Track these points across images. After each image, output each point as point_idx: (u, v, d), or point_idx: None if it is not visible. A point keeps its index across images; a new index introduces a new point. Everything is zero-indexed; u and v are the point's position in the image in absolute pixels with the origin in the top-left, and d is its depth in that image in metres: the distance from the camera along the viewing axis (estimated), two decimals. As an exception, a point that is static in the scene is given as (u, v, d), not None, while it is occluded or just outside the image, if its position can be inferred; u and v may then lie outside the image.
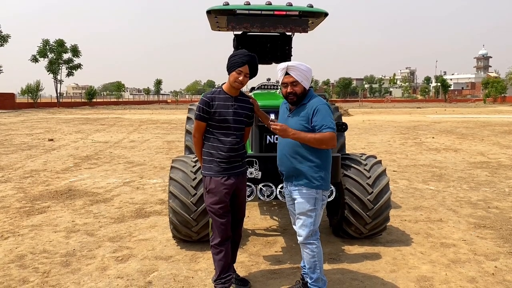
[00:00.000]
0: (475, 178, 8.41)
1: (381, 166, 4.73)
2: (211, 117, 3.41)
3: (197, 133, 3.52)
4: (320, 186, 3.31)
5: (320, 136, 3.20)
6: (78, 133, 17.77)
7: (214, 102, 3.42)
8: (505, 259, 4.33)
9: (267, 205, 6.39)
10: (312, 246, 3.35)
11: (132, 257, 4.37)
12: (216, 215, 3.45)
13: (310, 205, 3.31)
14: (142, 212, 6.02)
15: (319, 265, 3.37)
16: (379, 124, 22.56)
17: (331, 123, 3.24)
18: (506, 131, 18.47)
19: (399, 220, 5.67)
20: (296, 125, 3.31)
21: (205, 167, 3.50)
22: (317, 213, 3.34)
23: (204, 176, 3.51)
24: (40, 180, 8.17)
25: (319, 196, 3.33)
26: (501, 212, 6.03)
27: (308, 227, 3.33)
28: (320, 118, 3.24)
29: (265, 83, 6.04)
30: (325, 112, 3.27)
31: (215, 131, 3.44)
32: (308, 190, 3.31)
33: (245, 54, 3.41)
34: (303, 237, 3.35)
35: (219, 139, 3.43)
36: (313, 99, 3.38)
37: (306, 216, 3.33)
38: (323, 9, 5.11)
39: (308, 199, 3.31)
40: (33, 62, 52.75)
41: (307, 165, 3.30)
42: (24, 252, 4.51)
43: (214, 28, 5.97)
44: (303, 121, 3.31)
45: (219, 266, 3.49)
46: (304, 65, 3.36)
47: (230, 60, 3.44)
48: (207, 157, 3.48)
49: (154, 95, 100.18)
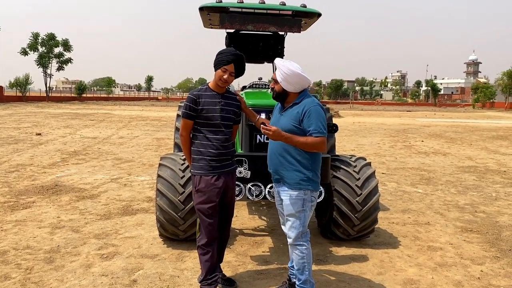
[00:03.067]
0: (463, 182, 8.47)
1: (371, 168, 4.73)
2: (198, 115, 3.37)
3: (184, 132, 3.46)
4: (308, 187, 3.28)
5: (311, 140, 3.18)
6: (66, 128, 17.58)
7: (200, 99, 3.38)
8: (491, 263, 4.36)
9: (256, 204, 6.37)
10: (302, 247, 3.32)
11: (117, 255, 4.31)
12: (204, 215, 3.40)
13: (298, 206, 3.28)
14: (129, 209, 5.95)
15: (307, 266, 3.34)
16: (369, 126, 22.67)
17: (322, 127, 3.21)
18: (494, 136, 18.68)
19: (387, 222, 5.68)
20: (287, 125, 3.28)
21: (194, 166, 3.45)
22: (306, 214, 3.31)
23: (194, 175, 3.45)
24: (26, 175, 8.05)
25: (307, 197, 3.30)
26: (487, 217, 6.07)
27: (297, 229, 3.30)
28: (311, 122, 3.21)
29: (256, 82, 6.01)
30: (317, 115, 3.23)
31: (204, 128, 3.39)
32: (296, 191, 3.28)
33: (231, 53, 3.36)
34: (292, 239, 3.33)
35: (207, 137, 3.39)
36: (305, 99, 3.33)
37: (294, 217, 3.30)
38: (316, 10, 5.10)
39: (296, 200, 3.28)
40: (22, 55, 52.07)
41: (295, 166, 3.27)
42: (7, 247, 4.43)
43: (207, 25, 5.93)
44: (294, 121, 3.28)
45: (205, 267, 3.45)
46: (287, 67, 3.27)
47: (217, 57, 3.39)
48: (196, 155, 3.43)
49: (145, 91, 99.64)
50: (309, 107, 3.26)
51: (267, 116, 4.44)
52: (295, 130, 3.25)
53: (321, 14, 5.19)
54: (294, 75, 3.27)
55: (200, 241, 3.46)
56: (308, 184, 3.28)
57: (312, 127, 3.20)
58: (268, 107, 4.50)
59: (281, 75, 3.30)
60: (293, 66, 3.29)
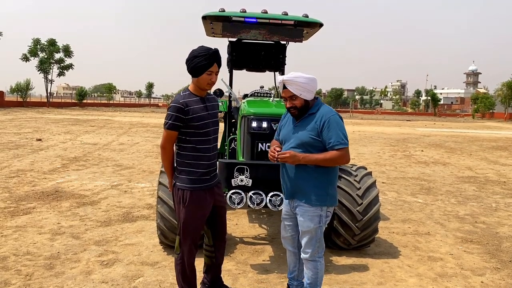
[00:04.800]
0: (463, 193, 8.48)
1: (371, 177, 4.74)
2: (186, 124, 3.12)
3: (168, 144, 3.18)
4: (326, 203, 3.18)
5: (330, 156, 3.05)
6: (67, 134, 17.59)
7: (189, 107, 3.12)
8: (491, 275, 4.35)
9: (256, 213, 6.36)
10: (317, 263, 3.28)
11: (117, 262, 4.30)
12: (193, 231, 3.24)
13: (315, 223, 3.18)
14: (129, 216, 5.95)
15: (320, 281, 3.32)
16: (369, 136, 22.69)
17: (344, 137, 3.09)
18: (494, 146, 18.70)
19: (387, 232, 5.67)
20: (304, 137, 3.15)
21: (181, 179, 3.20)
22: (322, 229, 3.24)
23: (181, 189, 3.20)
24: (27, 180, 8.05)
25: (324, 213, 3.20)
26: (488, 227, 6.07)
27: (313, 246, 3.23)
28: (331, 134, 3.07)
29: (258, 91, 6.04)
30: (336, 125, 3.09)
31: (193, 138, 3.16)
32: (313, 208, 3.17)
33: (210, 53, 3.12)
34: (308, 255, 3.26)
35: (197, 148, 3.18)
36: (322, 109, 3.20)
37: (311, 234, 3.21)
38: (318, 20, 5.14)
39: (313, 217, 3.18)
40: (23, 61, 52.22)
41: (313, 182, 3.15)
42: (7, 253, 4.42)
43: (209, 34, 5.97)
44: (312, 132, 3.13)
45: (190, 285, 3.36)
46: (302, 77, 3.14)
47: (194, 62, 3.11)
48: (185, 168, 3.20)
49: (145, 98, 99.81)
50: (327, 117, 3.12)
51: (269, 124, 4.47)
52: (313, 143, 3.12)
53: (323, 24, 5.23)
54: (310, 81, 3.16)
55: (184, 258, 3.29)
56: (326, 200, 3.17)
57: (333, 138, 3.06)
58: (270, 116, 4.53)
59: (300, 87, 3.14)
60: (303, 74, 3.18)
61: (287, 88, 3.18)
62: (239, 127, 5.01)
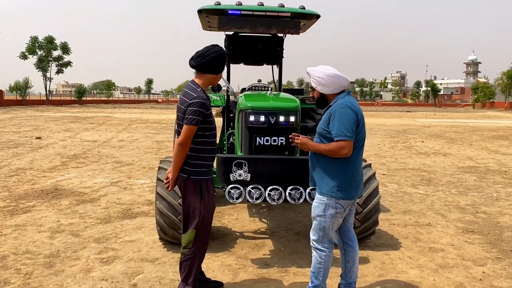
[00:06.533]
0: (464, 183, 8.45)
1: (371, 169, 4.71)
2: (204, 120, 3.22)
3: (189, 141, 3.21)
4: (332, 194, 3.19)
5: (331, 146, 3.15)
6: (66, 132, 17.56)
7: (208, 102, 3.30)
8: (492, 265, 4.34)
9: (256, 207, 6.35)
10: (322, 253, 3.29)
11: (117, 259, 4.29)
12: (209, 223, 3.37)
13: (320, 211, 3.24)
14: (129, 213, 5.93)
15: (323, 273, 3.32)
16: (369, 127, 22.65)
17: (345, 130, 3.10)
18: (494, 136, 18.66)
19: (388, 224, 5.66)
20: (319, 128, 3.32)
21: (196, 172, 3.26)
22: (326, 220, 3.23)
23: (197, 182, 3.27)
24: (26, 179, 8.03)
25: (331, 204, 3.21)
26: (489, 217, 6.05)
27: (317, 232, 3.29)
28: (334, 125, 3.14)
29: (255, 84, 6.00)
30: (340, 117, 3.13)
31: (206, 133, 3.28)
32: (320, 196, 3.26)
33: (225, 53, 3.35)
34: (312, 241, 3.35)
35: (209, 141, 3.32)
36: (338, 101, 3.26)
37: (315, 220, 3.30)
38: (315, 11, 5.09)
39: (319, 204, 3.26)
40: (22, 59, 52.10)
41: (323, 172, 3.24)
42: (6, 252, 4.41)
43: (206, 28, 5.92)
44: (324, 124, 3.26)
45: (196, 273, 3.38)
46: (319, 71, 3.30)
47: (223, 60, 3.32)
48: (200, 161, 3.28)
49: (144, 94, 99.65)
50: (335, 109, 3.19)
51: (267, 118, 4.43)
52: (325, 134, 3.23)
53: (320, 16, 5.18)
54: (328, 76, 3.26)
55: (197, 252, 3.33)
56: (333, 191, 3.19)
57: (334, 130, 3.13)
58: (268, 110, 4.48)
59: (315, 80, 3.31)
60: (325, 68, 3.30)
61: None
62: (237, 122, 4.98)
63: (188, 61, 3.35)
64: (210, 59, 3.27)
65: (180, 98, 3.38)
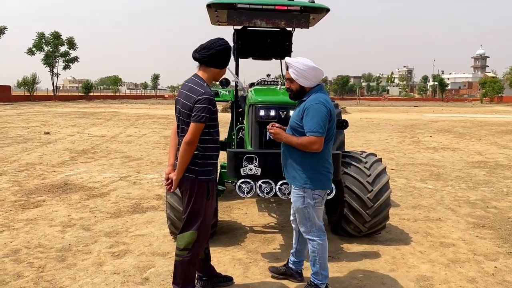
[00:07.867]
0: (473, 178, 8.40)
1: (381, 164, 4.69)
2: (211, 117, 3.08)
3: (197, 140, 3.05)
4: (306, 185, 3.27)
5: (302, 140, 3.21)
6: (74, 127, 17.66)
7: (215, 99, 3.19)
8: (504, 259, 4.31)
9: (265, 202, 6.35)
10: (313, 242, 3.37)
11: (128, 253, 4.32)
12: (210, 224, 3.28)
13: (300, 204, 3.34)
14: (139, 207, 5.96)
15: (318, 260, 3.38)
16: (376, 122, 22.55)
17: (318, 126, 3.13)
18: (503, 131, 18.50)
19: (398, 218, 5.64)
20: (291, 122, 3.35)
21: (203, 172, 3.11)
22: (309, 211, 3.32)
23: (205, 182, 3.13)
24: (36, 174, 8.09)
25: (308, 195, 3.29)
26: (499, 212, 6.01)
27: (304, 224, 3.38)
28: (307, 120, 3.18)
29: (265, 79, 5.98)
30: (313, 113, 3.16)
31: (211, 130, 3.14)
32: (296, 189, 3.34)
33: (231, 47, 3.20)
34: (302, 231, 3.44)
35: (214, 139, 3.18)
36: (311, 96, 3.29)
37: (298, 213, 3.39)
38: (325, 5, 5.05)
39: (297, 198, 3.35)
40: (29, 55, 52.41)
41: (296, 165, 3.32)
42: (19, 246, 4.45)
43: (214, 22, 5.89)
44: (296, 118, 3.30)
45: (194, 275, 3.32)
46: (302, 63, 3.27)
47: (225, 54, 3.16)
48: (206, 160, 3.14)
49: (151, 89, 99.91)
50: (309, 104, 3.22)
51: (277, 112, 4.42)
52: (297, 128, 3.28)
53: (330, 10, 5.14)
54: (310, 69, 3.27)
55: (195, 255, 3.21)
56: (306, 183, 3.28)
57: (308, 126, 3.18)
58: (277, 104, 4.48)
59: (296, 72, 3.29)
60: (306, 60, 3.30)
61: (288, 70, 3.35)
62: (246, 116, 4.97)
63: (192, 53, 3.19)
64: (216, 52, 3.12)
65: (183, 93, 3.16)
